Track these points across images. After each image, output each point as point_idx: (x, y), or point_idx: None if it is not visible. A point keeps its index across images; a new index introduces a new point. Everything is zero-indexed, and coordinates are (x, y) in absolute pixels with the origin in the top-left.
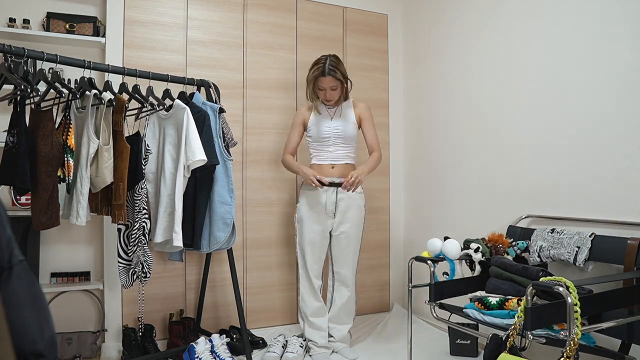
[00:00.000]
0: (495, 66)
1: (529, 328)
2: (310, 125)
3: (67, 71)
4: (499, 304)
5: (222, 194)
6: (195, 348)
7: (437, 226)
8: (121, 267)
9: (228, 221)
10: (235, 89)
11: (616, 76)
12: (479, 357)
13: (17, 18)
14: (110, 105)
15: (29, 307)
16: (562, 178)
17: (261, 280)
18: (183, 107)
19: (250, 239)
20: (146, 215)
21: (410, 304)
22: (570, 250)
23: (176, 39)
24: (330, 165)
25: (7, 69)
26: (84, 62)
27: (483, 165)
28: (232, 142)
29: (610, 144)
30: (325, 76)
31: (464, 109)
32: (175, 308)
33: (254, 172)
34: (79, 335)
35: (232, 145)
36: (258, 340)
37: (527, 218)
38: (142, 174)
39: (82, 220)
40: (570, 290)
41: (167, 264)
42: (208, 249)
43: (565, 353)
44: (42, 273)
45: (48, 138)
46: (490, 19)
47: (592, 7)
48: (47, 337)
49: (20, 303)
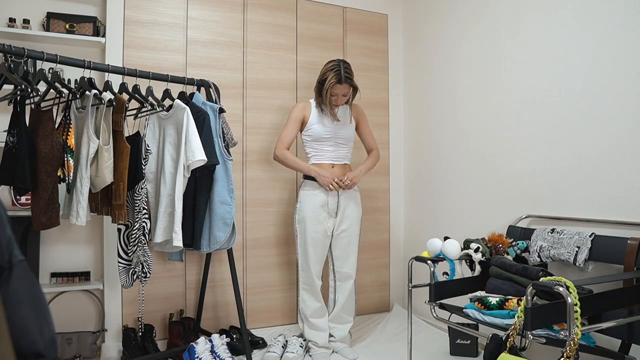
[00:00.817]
0: (495, 65)
1: (529, 328)
2: (311, 124)
3: (67, 71)
4: (499, 304)
5: (222, 194)
6: (195, 348)
7: (437, 226)
8: (121, 267)
9: (228, 221)
10: (235, 89)
11: (616, 77)
12: (479, 357)
13: (17, 18)
14: (110, 105)
15: (29, 307)
16: (562, 178)
17: (261, 280)
18: (183, 107)
19: (250, 239)
20: (146, 215)
21: (410, 304)
22: (570, 250)
23: (176, 39)
24: (330, 164)
25: (7, 69)
26: (84, 62)
27: (483, 165)
28: (232, 142)
29: (610, 144)
30: (342, 84)
31: (464, 109)
32: (175, 308)
33: (254, 172)
34: (79, 335)
35: (232, 145)
36: (258, 340)
37: (527, 218)
38: (142, 174)
39: (82, 220)
40: (570, 290)
41: (167, 264)
42: (208, 249)
43: (565, 353)
44: (42, 273)
45: (48, 138)
46: (490, 18)
47: (594, 10)
48: (47, 337)
49: (21, 303)
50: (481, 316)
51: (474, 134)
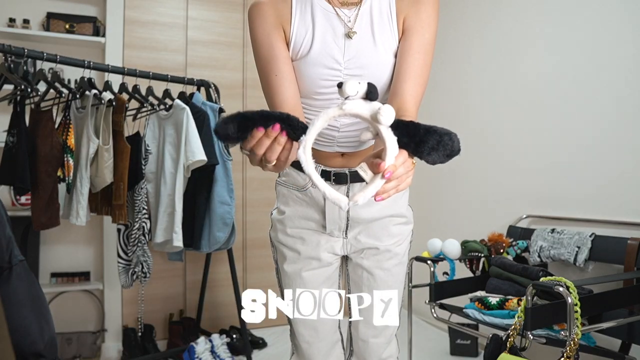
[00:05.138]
0: (495, 67)
1: (529, 328)
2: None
3: (67, 71)
4: (499, 304)
5: (222, 194)
6: (195, 348)
7: (437, 226)
8: (121, 267)
9: (228, 221)
10: (235, 89)
11: (616, 78)
12: (479, 357)
13: (17, 18)
14: (110, 105)
15: (29, 307)
16: (562, 178)
17: (261, 280)
18: (183, 107)
19: (250, 239)
20: (146, 215)
21: (410, 304)
22: (571, 250)
23: (176, 39)
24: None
25: (7, 69)
26: (84, 62)
27: (483, 165)
28: None
29: (610, 144)
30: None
31: (464, 109)
32: (175, 308)
33: (254, 172)
34: (79, 335)
35: (232, 145)
36: (258, 340)
37: (527, 218)
38: (142, 174)
39: (82, 220)
40: (570, 290)
41: (167, 264)
42: (208, 249)
43: (566, 353)
44: (42, 273)
45: (48, 138)
46: (490, 20)
47: (594, 9)
48: (47, 337)
49: (20, 303)
50: (481, 316)
51: (474, 134)
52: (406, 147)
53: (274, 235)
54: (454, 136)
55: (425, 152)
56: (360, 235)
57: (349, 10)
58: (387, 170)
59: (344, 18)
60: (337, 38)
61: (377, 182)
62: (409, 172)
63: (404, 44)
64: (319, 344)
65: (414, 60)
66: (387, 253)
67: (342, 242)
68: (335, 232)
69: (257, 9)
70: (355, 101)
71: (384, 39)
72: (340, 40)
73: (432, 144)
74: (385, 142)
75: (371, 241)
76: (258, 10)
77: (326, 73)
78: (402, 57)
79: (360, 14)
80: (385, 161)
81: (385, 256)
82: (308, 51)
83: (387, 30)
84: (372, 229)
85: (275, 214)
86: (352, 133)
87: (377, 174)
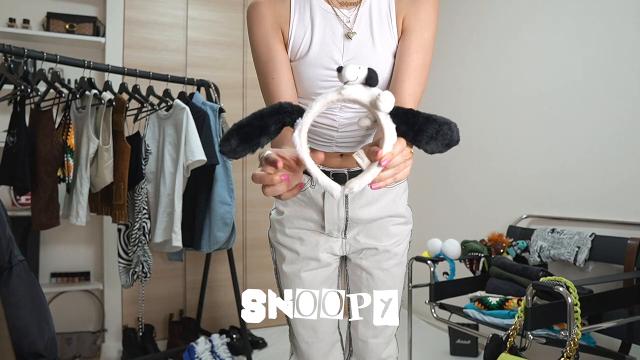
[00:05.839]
0: (495, 67)
1: (529, 328)
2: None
3: (67, 71)
4: (499, 304)
5: (222, 194)
6: (195, 348)
7: (437, 226)
8: (121, 267)
9: (228, 221)
10: (235, 89)
11: (616, 78)
12: (479, 357)
13: (17, 18)
14: (110, 105)
15: (29, 308)
16: (562, 178)
17: (261, 280)
18: (183, 107)
19: (250, 239)
20: (146, 215)
21: (411, 304)
22: (571, 251)
23: (176, 39)
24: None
25: (7, 69)
26: (84, 62)
27: (483, 165)
28: None
29: (610, 144)
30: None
31: (464, 109)
32: (175, 308)
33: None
34: (79, 335)
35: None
36: (258, 340)
37: (527, 218)
38: (142, 174)
39: (82, 220)
40: (570, 290)
41: (167, 264)
42: (208, 249)
43: (566, 353)
44: (42, 273)
45: (48, 138)
46: (491, 20)
47: (595, 9)
48: (47, 337)
49: (20, 303)
50: (481, 316)
51: (475, 134)
52: (405, 135)
53: (273, 235)
54: (453, 126)
55: (424, 141)
56: (359, 236)
57: (348, 11)
58: (384, 157)
59: (343, 18)
60: (337, 39)
61: (374, 169)
62: (406, 162)
63: (403, 44)
64: (318, 344)
65: (413, 60)
66: (386, 253)
67: (341, 242)
68: (334, 233)
69: (255, 10)
70: (355, 86)
71: (384, 39)
72: (339, 40)
73: (431, 133)
74: (383, 129)
75: (370, 241)
76: (256, 11)
77: (325, 74)
78: (401, 56)
79: (359, 14)
80: (383, 148)
81: (384, 256)
82: (307, 52)
83: (387, 31)
84: (371, 229)
85: (274, 214)
86: (351, 133)
87: (374, 162)
